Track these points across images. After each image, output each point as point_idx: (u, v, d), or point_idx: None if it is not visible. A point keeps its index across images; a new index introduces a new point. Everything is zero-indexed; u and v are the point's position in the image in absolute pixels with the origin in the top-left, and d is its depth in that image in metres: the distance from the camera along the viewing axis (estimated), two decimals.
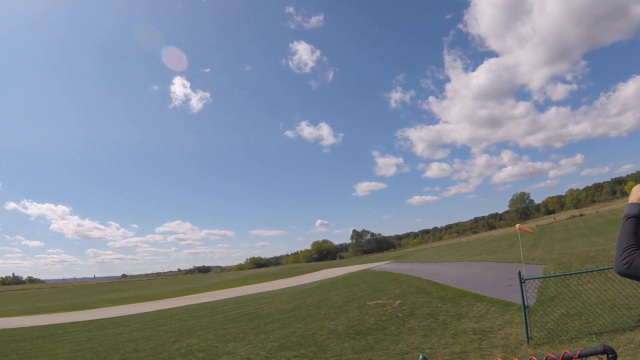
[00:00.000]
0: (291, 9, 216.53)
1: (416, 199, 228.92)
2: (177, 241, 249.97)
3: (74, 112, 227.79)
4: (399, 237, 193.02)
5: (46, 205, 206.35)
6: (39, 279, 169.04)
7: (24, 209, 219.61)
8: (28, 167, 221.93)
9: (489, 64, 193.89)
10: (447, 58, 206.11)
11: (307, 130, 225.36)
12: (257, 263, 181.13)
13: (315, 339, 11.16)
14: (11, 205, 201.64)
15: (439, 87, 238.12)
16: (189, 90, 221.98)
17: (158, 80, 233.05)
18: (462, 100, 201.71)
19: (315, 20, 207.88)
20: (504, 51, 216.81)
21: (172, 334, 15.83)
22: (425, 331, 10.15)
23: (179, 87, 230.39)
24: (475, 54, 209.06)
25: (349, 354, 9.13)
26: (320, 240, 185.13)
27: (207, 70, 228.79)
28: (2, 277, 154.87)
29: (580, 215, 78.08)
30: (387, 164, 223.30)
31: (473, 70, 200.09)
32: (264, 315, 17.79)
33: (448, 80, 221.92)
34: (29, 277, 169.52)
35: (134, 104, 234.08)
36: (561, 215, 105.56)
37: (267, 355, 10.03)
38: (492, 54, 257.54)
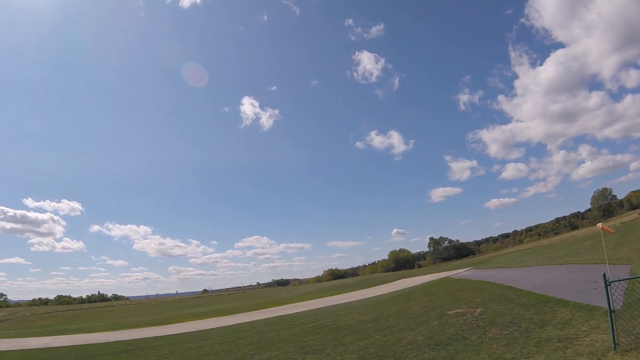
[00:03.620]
0: (350, 21, 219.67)
1: (494, 202, 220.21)
2: (255, 256, 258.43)
3: (152, 139, 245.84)
4: (478, 243, 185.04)
5: (129, 226, 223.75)
6: (124, 296, 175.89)
7: (107, 230, 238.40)
8: (109, 192, 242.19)
9: (556, 55, 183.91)
10: (513, 54, 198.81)
11: (377, 140, 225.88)
12: (335, 274, 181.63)
13: (394, 350, 11.17)
14: (95, 227, 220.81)
15: (508, 85, 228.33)
16: (258, 109, 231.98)
17: (228, 102, 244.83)
18: (532, 96, 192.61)
19: (376, 29, 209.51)
20: (570, 41, 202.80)
21: (252, 346, 16.15)
22: (507, 340, 9.96)
23: (248, 106, 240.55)
24: (542, 47, 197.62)
25: None
26: (397, 249, 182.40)
27: (274, 88, 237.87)
28: (88, 295, 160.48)
29: None
30: (460, 168, 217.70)
31: (541, 64, 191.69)
32: (342, 327, 17.85)
33: (516, 76, 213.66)
34: (113, 294, 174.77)
35: (206, 127, 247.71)
36: None
37: None
38: (559, 45, 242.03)
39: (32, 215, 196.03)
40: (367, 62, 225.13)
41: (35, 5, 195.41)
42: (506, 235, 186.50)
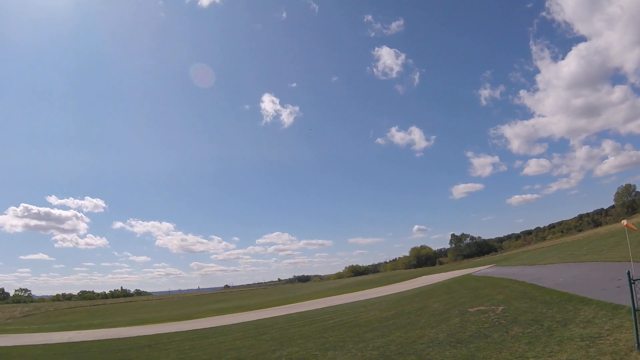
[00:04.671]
0: (369, 17, 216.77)
1: (516, 199, 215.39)
2: (276, 252, 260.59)
3: (173, 137, 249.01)
4: (500, 240, 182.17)
5: (151, 223, 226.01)
6: (146, 292, 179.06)
7: (130, 227, 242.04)
8: (132, 189, 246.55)
9: (578, 49, 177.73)
10: (534, 49, 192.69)
11: (398, 136, 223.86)
12: (356, 271, 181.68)
13: (415, 347, 11.22)
14: (118, 224, 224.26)
15: (529, 80, 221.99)
16: (278, 106, 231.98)
17: (248, 100, 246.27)
18: (554, 91, 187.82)
19: (396, 25, 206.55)
20: (592, 35, 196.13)
21: (273, 342, 16.26)
22: (529, 338, 9.94)
23: (268, 104, 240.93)
24: (563, 40, 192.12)
25: None
26: (419, 246, 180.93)
27: (294, 85, 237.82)
28: (111, 291, 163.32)
29: None
30: (482, 164, 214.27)
31: (562, 58, 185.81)
32: (363, 324, 17.90)
33: (537, 71, 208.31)
34: (136, 290, 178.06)
35: (227, 125, 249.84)
36: None
37: None
38: (581, 39, 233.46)
39: (55, 212, 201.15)
40: (387, 58, 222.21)
41: (56, 5, 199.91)
42: (528, 232, 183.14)
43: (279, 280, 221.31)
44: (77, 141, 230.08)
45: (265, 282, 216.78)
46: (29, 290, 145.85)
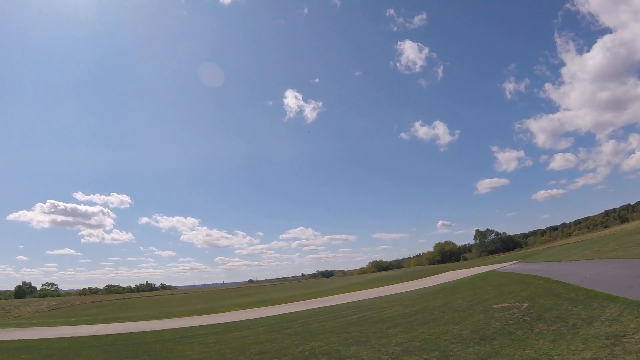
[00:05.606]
0: (392, 12, 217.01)
1: (541, 194, 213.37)
2: (300, 247, 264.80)
3: (198, 134, 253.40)
4: (525, 236, 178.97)
5: (176, 218, 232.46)
6: (171, 286, 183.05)
7: (155, 222, 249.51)
8: (157, 185, 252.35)
9: (603, 42, 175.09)
10: (559, 41, 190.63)
11: (421, 131, 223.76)
12: (379, 266, 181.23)
13: (438, 343, 11.27)
14: (144, 220, 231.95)
15: (554, 73, 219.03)
16: (301, 102, 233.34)
17: (271, 96, 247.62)
18: (580, 84, 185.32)
19: (418, 19, 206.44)
20: (618, 26, 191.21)
21: (296, 336, 16.29)
22: (554, 336, 9.92)
23: (291, 99, 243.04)
24: (588, 32, 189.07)
25: None
26: (443, 241, 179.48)
27: (317, 80, 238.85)
28: (136, 285, 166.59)
29: None
30: (507, 159, 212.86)
31: (588, 51, 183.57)
32: (386, 319, 17.90)
33: (563, 64, 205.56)
34: (161, 284, 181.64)
35: (251, 121, 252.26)
36: None
37: None
38: (606, 31, 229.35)
39: (82, 208, 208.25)
40: (410, 52, 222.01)
41: (79, 2, 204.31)
42: (554, 228, 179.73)
43: (303, 275, 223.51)
44: (102, 138, 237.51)
45: (289, 277, 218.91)
46: (56, 285, 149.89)
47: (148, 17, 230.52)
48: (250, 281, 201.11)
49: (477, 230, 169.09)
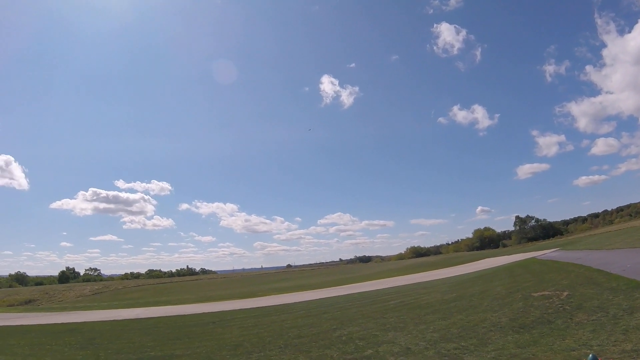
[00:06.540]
0: None
1: (583, 180, 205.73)
2: (338, 232, 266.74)
3: (236, 121, 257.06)
4: (566, 223, 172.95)
5: (216, 204, 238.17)
6: (211, 270, 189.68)
7: (195, 208, 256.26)
8: (197, 172, 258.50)
9: None
10: (600, 22, 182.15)
11: (460, 115, 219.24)
12: (417, 252, 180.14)
13: (476, 331, 11.28)
14: (184, 206, 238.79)
15: (595, 55, 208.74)
16: (337, 88, 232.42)
17: (307, 82, 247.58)
18: (622, 66, 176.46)
19: (455, 0, 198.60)
20: None
21: (334, 321, 16.43)
22: (594, 326, 9.79)
23: (327, 85, 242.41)
24: (629, 13, 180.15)
25: (511, 349, 9.00)
26: (482, 227, 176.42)
27: (353, 65, 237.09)
28: (177, 269, 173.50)
29: None
30: (548, 143, 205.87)
31: (629, 32, 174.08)
32: (424, 306, 17.91)
33: (604, 45, 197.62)
34: (201, 268, 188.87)
35: (288, 108, 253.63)
36: None
37: (427, 346, 10.22)
38: None
39: (123, 195, 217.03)
40: (447, 35, 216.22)
41: None
42: (595, 215, 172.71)
43: (340, 260, 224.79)
44: (143, 128, 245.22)
45: (327, 262, 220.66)
46: (99, 270, 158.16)
47: (182, 7, 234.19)
48: (289, 266, 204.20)
49: (517, 217, 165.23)
